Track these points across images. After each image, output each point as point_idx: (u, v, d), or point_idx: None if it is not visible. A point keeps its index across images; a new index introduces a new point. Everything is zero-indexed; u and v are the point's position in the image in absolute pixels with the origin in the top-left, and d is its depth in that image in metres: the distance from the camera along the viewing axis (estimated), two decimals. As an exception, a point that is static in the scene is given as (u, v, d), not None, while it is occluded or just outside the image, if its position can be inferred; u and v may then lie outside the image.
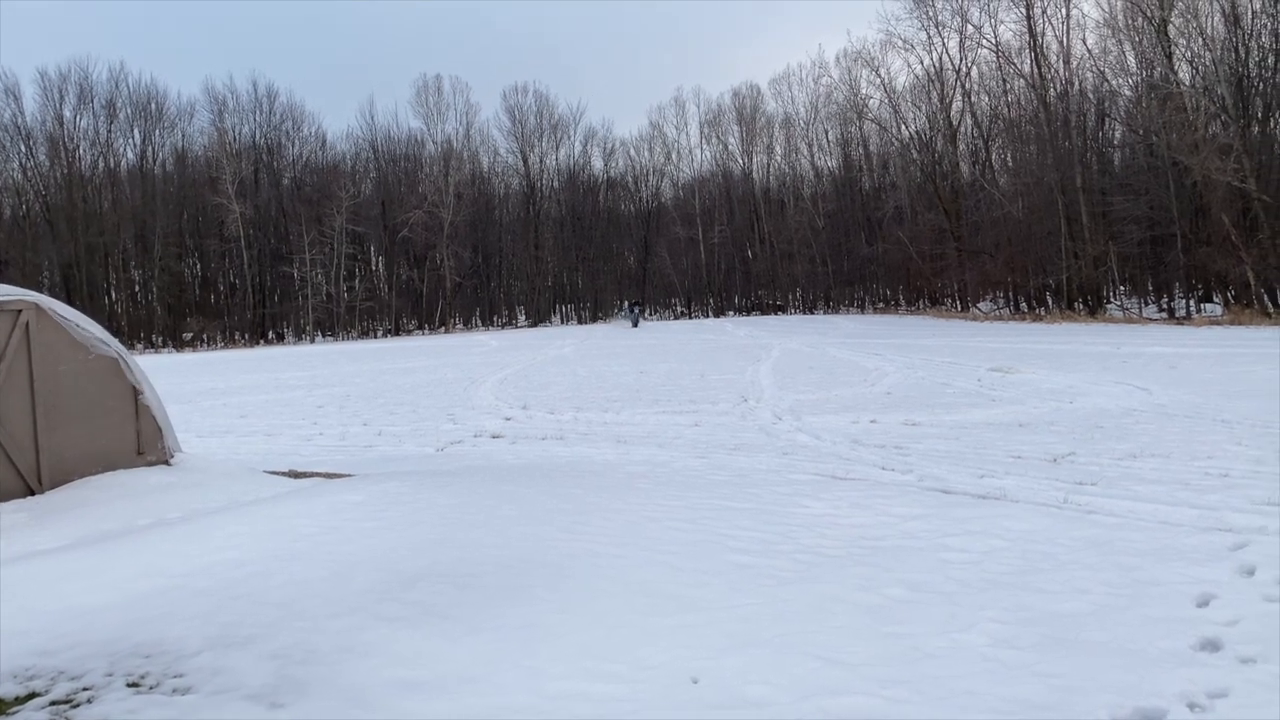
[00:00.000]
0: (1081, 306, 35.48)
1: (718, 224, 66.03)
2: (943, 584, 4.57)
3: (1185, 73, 32.54)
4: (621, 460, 8.87)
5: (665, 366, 20.41)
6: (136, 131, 58.60)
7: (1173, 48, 32.06)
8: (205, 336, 55.29)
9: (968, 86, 46.16)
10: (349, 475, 8.00)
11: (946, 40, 45.52)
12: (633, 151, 72.15)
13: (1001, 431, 9.55)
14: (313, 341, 55.01)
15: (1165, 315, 33.58)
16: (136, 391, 7.41)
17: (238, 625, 4.00)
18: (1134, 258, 37.10)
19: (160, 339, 54.46)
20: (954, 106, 47.25)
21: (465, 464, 8.99)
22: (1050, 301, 39.20)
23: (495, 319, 65.53)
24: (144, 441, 7.50)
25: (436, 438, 11.37)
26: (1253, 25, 31.67)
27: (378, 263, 64.98)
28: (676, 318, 65.12)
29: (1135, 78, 36.58)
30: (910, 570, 4.81)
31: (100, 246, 53.79)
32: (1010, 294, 43.51)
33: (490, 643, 3.83)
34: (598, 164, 71.77)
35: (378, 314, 61.26)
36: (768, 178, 67.27)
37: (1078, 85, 39.35)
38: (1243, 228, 28.32)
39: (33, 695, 3.44)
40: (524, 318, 66.32)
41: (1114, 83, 38.70)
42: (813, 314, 58.25)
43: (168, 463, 7.62)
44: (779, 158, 66.92)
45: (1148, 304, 37.83)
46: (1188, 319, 30.30)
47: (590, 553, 5.13)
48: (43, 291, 8.51)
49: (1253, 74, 32.01)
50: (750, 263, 66.51)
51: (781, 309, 63.44)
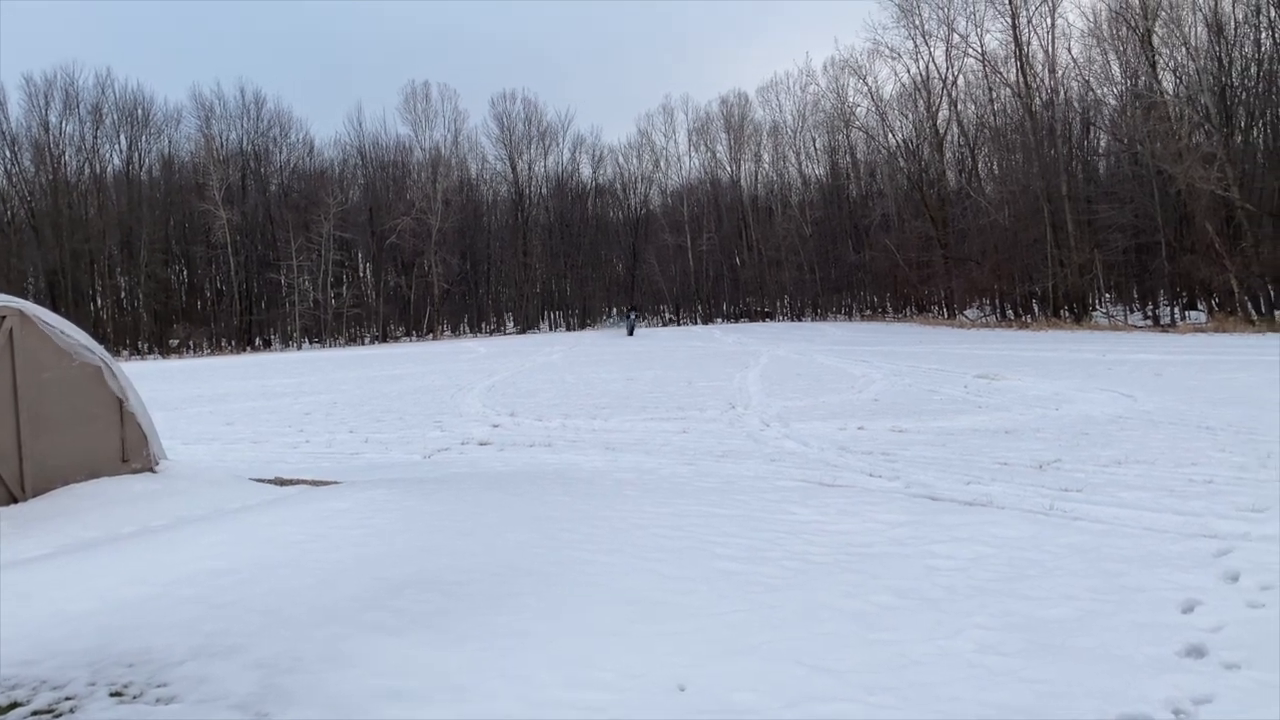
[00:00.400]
0: (1067, 314, 35.67)
1: (706, 231, 66.12)
2: (930, 590, 4.58)
3: (1169, 82, 32.84)
4: (609, 467, 8.86)
5: (653, 373, 20.41)
6: (123, 137, 58.37)
7: (1157, 57, 32.34)
8: (191, 343, 55.00)
9: (954, 95, 46.45)
10: (335, 483, 7.97)
11: (933, 49, 45.81)
12: (621, 159, 72.27)
13: (988, 438, 9.58)
14: (300, 348, 54.80)
15: (1150, 322, 33.80)
16: (121, 399, 7.37)
17: (222, 634, 3.98)
18: (1119, 265, 37.37)
19: (146, 346, 54.14)
20: (940, 115, 47.53)
21: (452, 471, 8.97)
22: (1036, 309, 39.40)
23: (483, 326, 65.41)
24: (128, 449, 7.45)
25: (424, 445, 11.34)
26: (1235, 35, 32.00)
27: (365, 269, 64.78)
28: (665, 325, 65.13)
29: (1120, 87, 36.91)
30: (897, 577, 4.82)
31: (86, 253, 53.48)
32: (997, 301, 43.72)
33: (477, 651, 3.81)
34: (586, 171, 71.88)
35: (365, 321, 61.07)
36: (755, 185, 67.43)
37: (1063, 94, 39.64)
38: (1226, 236, 28.55)
39: (14, 705, 3.41)
40: (512, 324, 66.24)
41: (1099, 92, 39.05)
42: (800, 321, 58.37)
43: (152, 470, 7.58)
44: (767, 165, 67.14)
45: (1133, 311, 38.08)
46: (1172, 326, 30.51)
47: (578, 560, 5.12)
48: (27, 298, 8.45)
49: (1235, 84, 32.33)
50: (738, 270, 66.61)
51: (769, 316, 63.55)
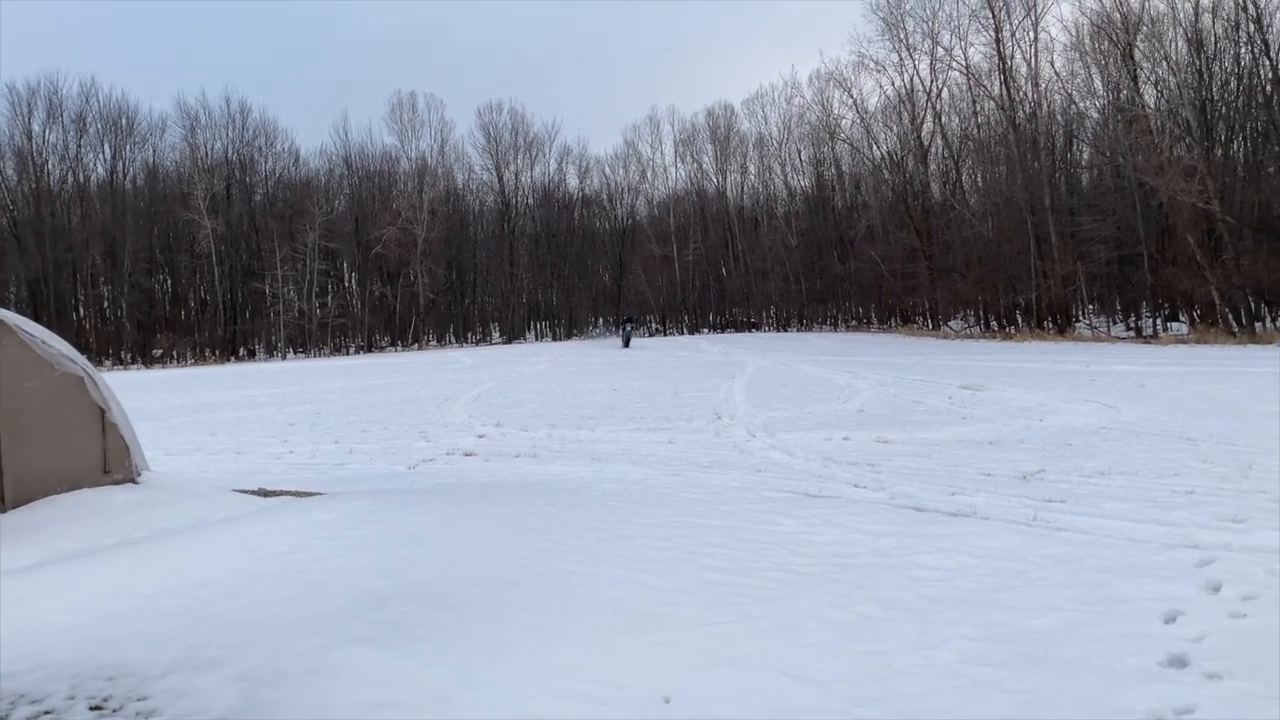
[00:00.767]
0: (1051, 325, 35.89)
1: (692, 242, 66.27)
2: (914, 601, 4.59)
3: (1151, 96, 33.16)
4: (595, 478, 8.85)
5: (639, 383, 20.41)
6: (107, 146, 58.02)
7: (1138, 71, 32.66)
8: (175, 353, 54.64)
9: (938, 108, 46.75)
10: (319, 494, 7.93)
11: (917, 62, 46.12)
12: (608, 169, 72.42)
13: (972, 449, 9.62)
14: (284, 358, 54.52)
15: (1133, 334, 34.03)
16: (103, 409, 7.32)
17: (204, 646, 3.95)
18: (1102, 277, 37.64)
19: (129, 355, 53.76)
20: (925, 127, 47.81)
21: (437, 482, 8.93)
22: (1020, 320, 39.62)
23: (469, 336, 65.26)
24: (110, 460, 7.40)
25: (408, 455, 11.29)
26: (1215, 50, 32.37)
27: (351, 279, 64.56)
28: (651, 335, 65.16)
29: (1102, 100, 37.24)
30: (882, 588, 4.83)
31: (68, 262, 53.11)
32: (981, 312, 43.95)
33: (461, 663, 3.80)
34: (573, 181, 71.98)
35: (350, 331, 60.83)
36: (741, 196, 67.64)
37: (1046, 107, 39.97)
38: (1207, 248, 28.82)
39: (-8, 719, 3.38)
40: (498, 335, 66.11)
41: (1081, 105, 39.39)
42: (786, 331, 58.49)
43: (135, 481, 7.52)
44: (753, 177, 67.37)
45: (1116, 323, 38.35)
46: (1155, 338, 30.73)
47: (563, 571, 5.11)
48: (9, 307, 8.38)
49: (1215, 98, 32.69)
50: (724, 280, 66.74)
51: (755, 326, 63.66)
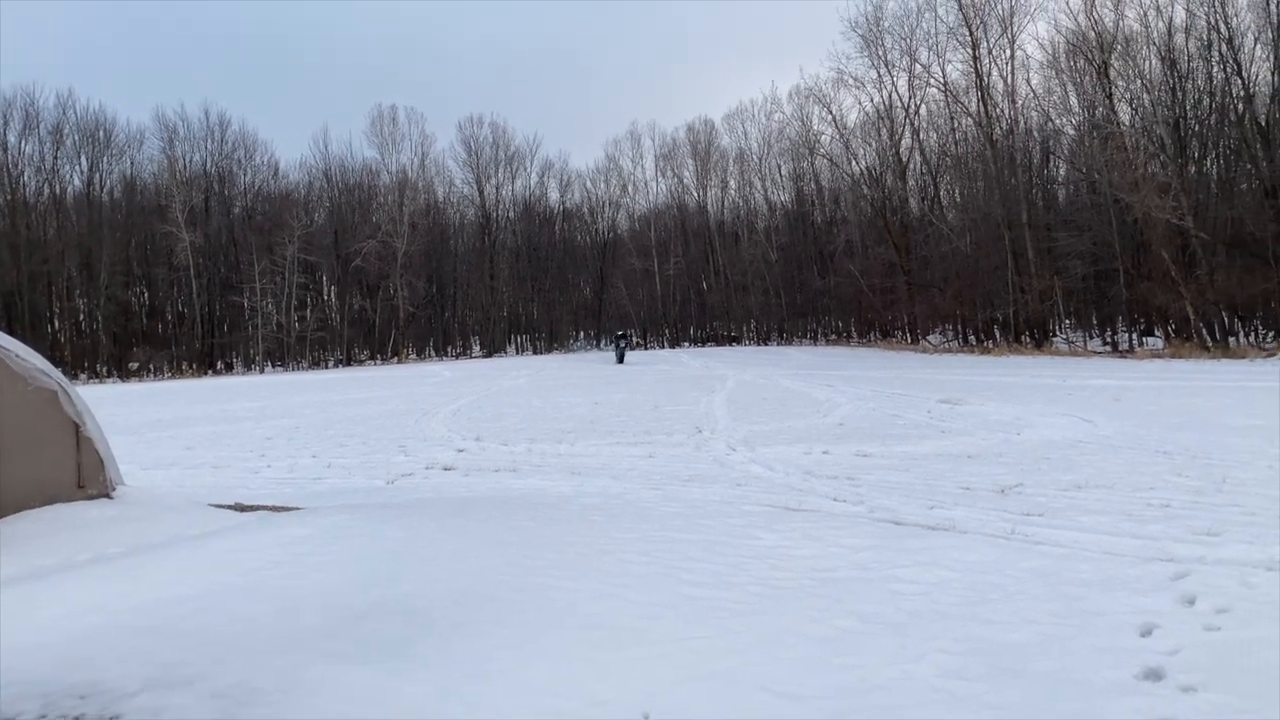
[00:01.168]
0: (1028, 339, 36.18)
1: (673, 256, 66.46)
2: (893, 615, 4.61)
3: (1125, 113, 33.62)
4: (575, 492, 8.83)
5: (620, 397, 20.40)
6: (83, 158, 57.62)
7: (1113, 89, 33.09)
8: (152, 366, 54.15)
9: (916, 124, 47.20)
10: (297, 508, 7.86)
11: (896, 79, 46.55)
12: (589, 183, 72.63)
13: (951, 463, 9.67)
14: (262, 372, 54.16)
15: (1109, 348, 34.36)
16: (77, 423, 7.24)
17: (179, 664, 3.90)
18: (1078, 292, 38.03)
19: (105, 369, 53.25)
20: (903, 143, 48.24)
21: (416, 497, 8.89)
22: (998, 334, 39.93)
23: (449, 349, 65.06)
24: (85, 475, 7.31)
25: (387, 470, 11.23)
26: (1188, 68, 32.85)
27: (330, 292, 64.29)
28: (633, 349, 65.23)
29: (1078, 117, 37.69)
30: (861, 601, 4.84)
31: (44, 274, 52.61)
32: (959, 327, 44.26)
33: (439, 679, 3.77)
34: (554, 195, 72.12)
35: (329, 344, 60.50)
36: (722, 211, 67.97)
37: (1023, 124, 40.44)
38: (1182, 264, 29.17)
39: (-40, 739, 3.32)
40: (479, 348, 65.96)
41: (1057, 122, 39.86)
42: (767, 345, 58.65)
43: (109, 496, 7.43)
44: (733, 191, 67.75)
45: (1092, 337, 38.71)
46: (1130, 352, 31.03)
47: (542, 586, 5.09)
48: (-19, 320, 8.29)
49: (1189, 115, 33.16)
50: (705, 294, 66.94)
51: (736, 340, 63.83)
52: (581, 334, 71.36)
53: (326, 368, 56.64)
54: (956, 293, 40.85)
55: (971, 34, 39.93)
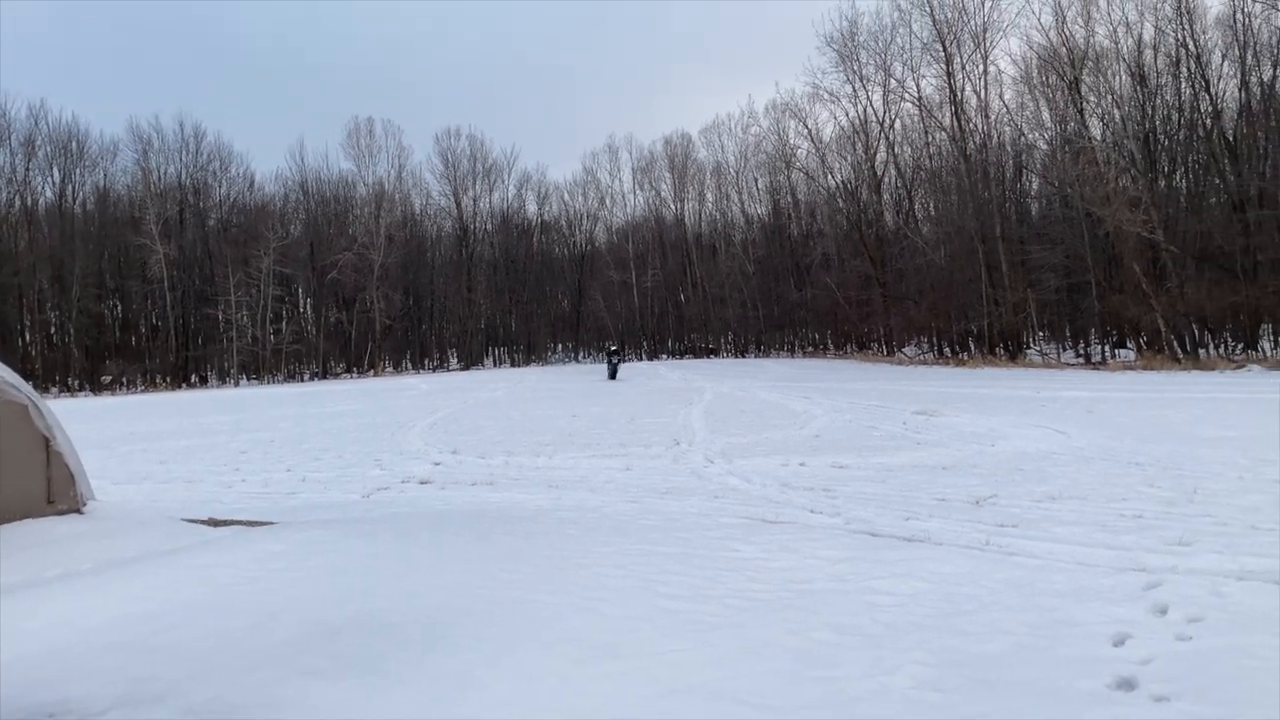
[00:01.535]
0: (1002, 351, 36.47)
1: (651, 268, 66.63)
2: (869, 627, 4.62)
3: (1097, 128, 34.07)
4: (552, 506, 8.80)
5: (598, 410, 20.38)
6: (56, 170, 57.13)
7: (1084, 104, 33.54)
8: (125, 380, 53.56)
9: (891, 138, 47.59)
10: (271, 523, 7.79)
11: (870, 93, 46.96)
12: (567, 196, 72.80)
13: (926, 474, 9.71)
14: (237, 385, 53.73)
15: (1082, 360, 34.70)
16: (47, 438, 7.15)
17: (150, 681, 3.85)
18: (1052, 304, 38.40)
19: (77, 382, 52.62)
20: (878, 157, 48.62)
21: (392, 511, 8.83)
22: (972, 346, 40.25)
23: (426, 362, 64.80)
24: (55, 490, 7.22)
25: (363, 484, 11.15)
26: (1157, 84, 33.36)
27: (306, 305, 63.91)
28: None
29: (1050, 132, 38.16)
30: (838, 613, 4.84)
31: (14, 287, 51.97)
32: (934, 339, 44.59)
33: (415, 695, 3.74)
34: (532, 208, 72.22)
35: (305, 357, 60.08)
36: (699, 223, 68.31)
37: (996, 138, 40.88)
38: (1153, 276, 29.55)
39: (-75, 760, 3.26)
40: (456, 361, 65.73)
41: (1030, 136, 40.35)
42: (744, 357, 58.82)
43: (80, 511, 7.35)
44: (710, 204, 68.14)
45: (1065, 349, 39.09)
46: (1103, 364, 31.35)
47: (519, 600, 5.06)
48: (-51, 333, 8.19)
49: (1158, 131, 33.66)
50: (683, 306, 67.14)
51: (714, 352, 64.00)
52: (560, 346, 71.32)
53: (302, 381, 56.26)
54: (931, 305, 41.16)
55: (945, 49, 40.39)
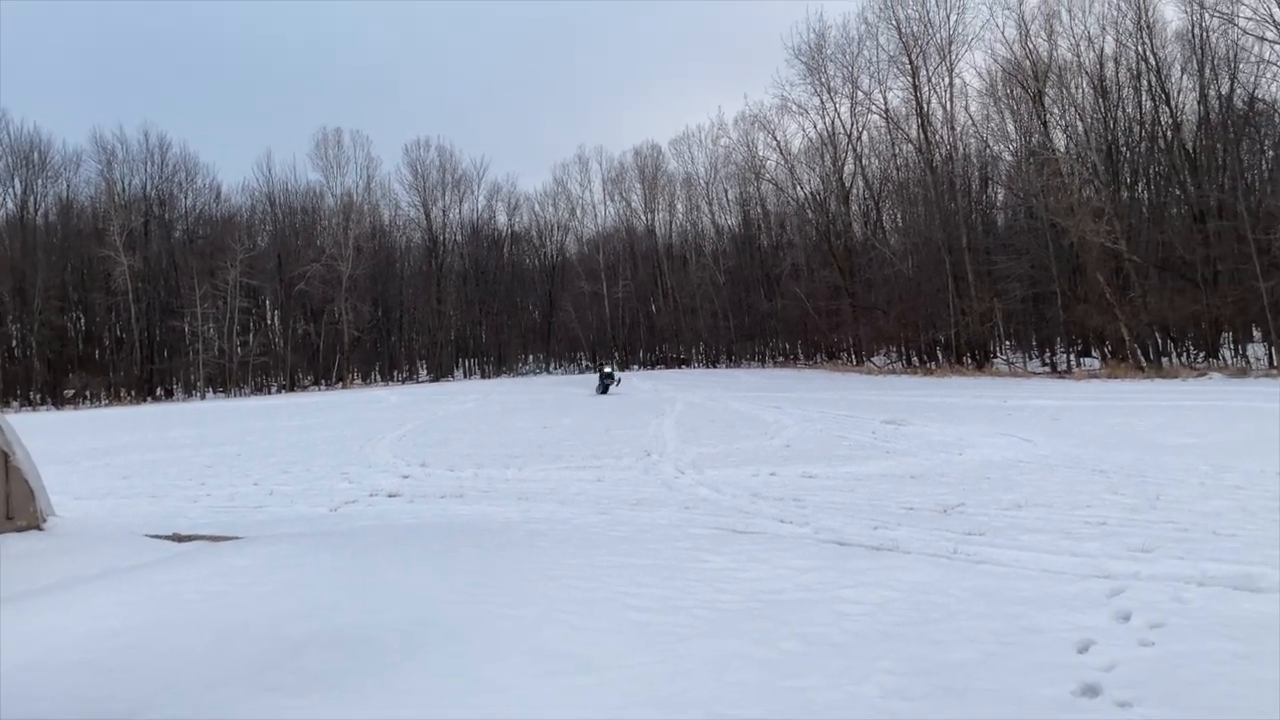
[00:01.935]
0: (970, 361, 36.85)
1: (622, 279, 66.71)
2: (838, 636, 4.63)
3: (1060, 140, 34.62)
4: (522, 518, 8.76)
5: (569, 421, 20.34)
6: (17, 180, 56.32)
7: (1048, 116, 34.05)
8: (88, 393, 52.77)
9: (859, 150, 48.11)
10: (236, 538, 7.69)
11: (838, 106, 47.44)
12: (537, 206, 72.77)
13: (894, 483, 9.78)
14: (203, 398, 53.08)
15: (1048, 369, 35.12)
16: (6, 453, 7.03)
17: (110, 700, 3.78)
18: (1018, 314, 38.89)
19: (39, 396, 51.75)
20: (846, 169, 49.12)
21: (359, 525, 8.75)
22: (940, 356, 40.62)
23: (395, 374, 64.39)
24: (14, 506, 7.10)
25: (330, 497, 11.05)
26: (1119, 97, 33.93)
27: (273, 316, 63.31)
28: (581, 371, 65.12)
29: (1015, 144, 38.73)
30: (807, 623, 4.86)
31: (-26, 298, 51.17)
32: (902, 348, 44.94)
33: (382, 710, 3.71)
34: (502, 218, 72.12)
35: (272, 369, 59.48)
36: (670, 234, 68.55)
37: (962, 150, 41.42)
38: (1116, 286, 30.00)
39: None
40: (425, 372, 65.36)
41: (995, 148, 40.92)
42: (715, 367, 59.01)
43: (40, 528, 7.22)
44: (680, 215, 68.44)
45: (1031, 358, 39.56)
46: (1069, 373, 31.75)
47: (488, 614, 5.03)
48: (-95, 347, 8.04)
49: (1120, 143, 34.22)
50: (654, 317, 67.26)
51: (685, 362, 64.13)
52: (531, 358, 71.14)
53: (269, 393, 55.68)
54: (900, 315, 41.52)
55: (911, 62, 40.88)
